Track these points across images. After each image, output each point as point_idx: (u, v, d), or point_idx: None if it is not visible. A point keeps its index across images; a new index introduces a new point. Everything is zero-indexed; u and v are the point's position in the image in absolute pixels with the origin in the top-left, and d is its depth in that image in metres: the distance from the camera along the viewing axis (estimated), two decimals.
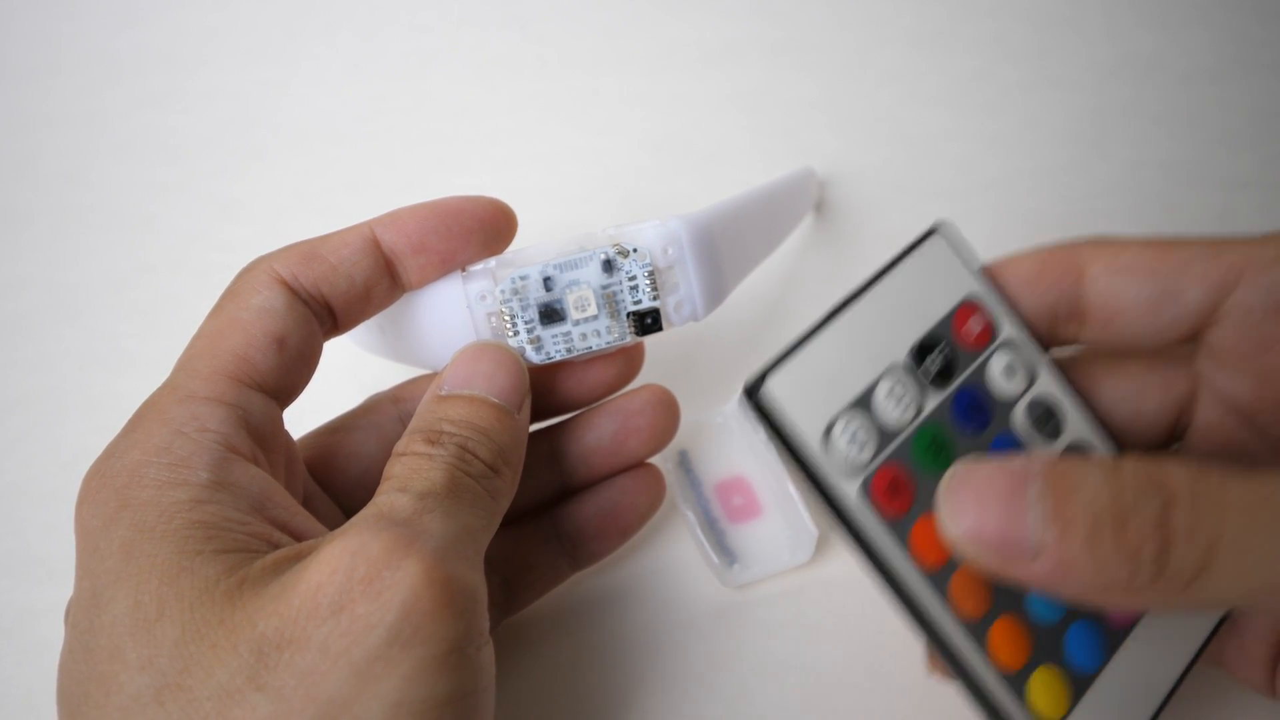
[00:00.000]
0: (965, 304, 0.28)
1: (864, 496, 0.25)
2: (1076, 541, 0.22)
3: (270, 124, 0.52)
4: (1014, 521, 0.23)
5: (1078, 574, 0.22)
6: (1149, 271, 0.28)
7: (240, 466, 0.25)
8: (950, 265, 0.28)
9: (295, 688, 0.22)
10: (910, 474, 0.26)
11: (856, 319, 0.27)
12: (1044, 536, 0.22)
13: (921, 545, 0.25)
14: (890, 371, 0.27)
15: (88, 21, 0.56)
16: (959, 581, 0.25)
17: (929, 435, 0.27)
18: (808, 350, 0.26)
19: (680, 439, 0.38)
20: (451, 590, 0.23)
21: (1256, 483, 0.22)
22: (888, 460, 0.26)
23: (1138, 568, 0.22)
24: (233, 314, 0.27)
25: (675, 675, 0.33)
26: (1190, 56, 0.51)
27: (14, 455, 0.41)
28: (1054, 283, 0.29)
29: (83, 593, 0.24)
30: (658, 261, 0.30)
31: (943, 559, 0.25)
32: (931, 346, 0.27)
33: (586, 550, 0.34)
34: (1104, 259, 0.28)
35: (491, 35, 0.55)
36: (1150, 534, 0.22)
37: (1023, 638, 0.26)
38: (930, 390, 0.27)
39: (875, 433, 0.26)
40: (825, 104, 0.51)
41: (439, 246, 0.29)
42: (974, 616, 0.25)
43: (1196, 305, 0.27)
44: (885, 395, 0.26)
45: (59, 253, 0.47)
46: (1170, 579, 0.22)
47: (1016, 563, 0.23)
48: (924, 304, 0.28)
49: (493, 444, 0.27)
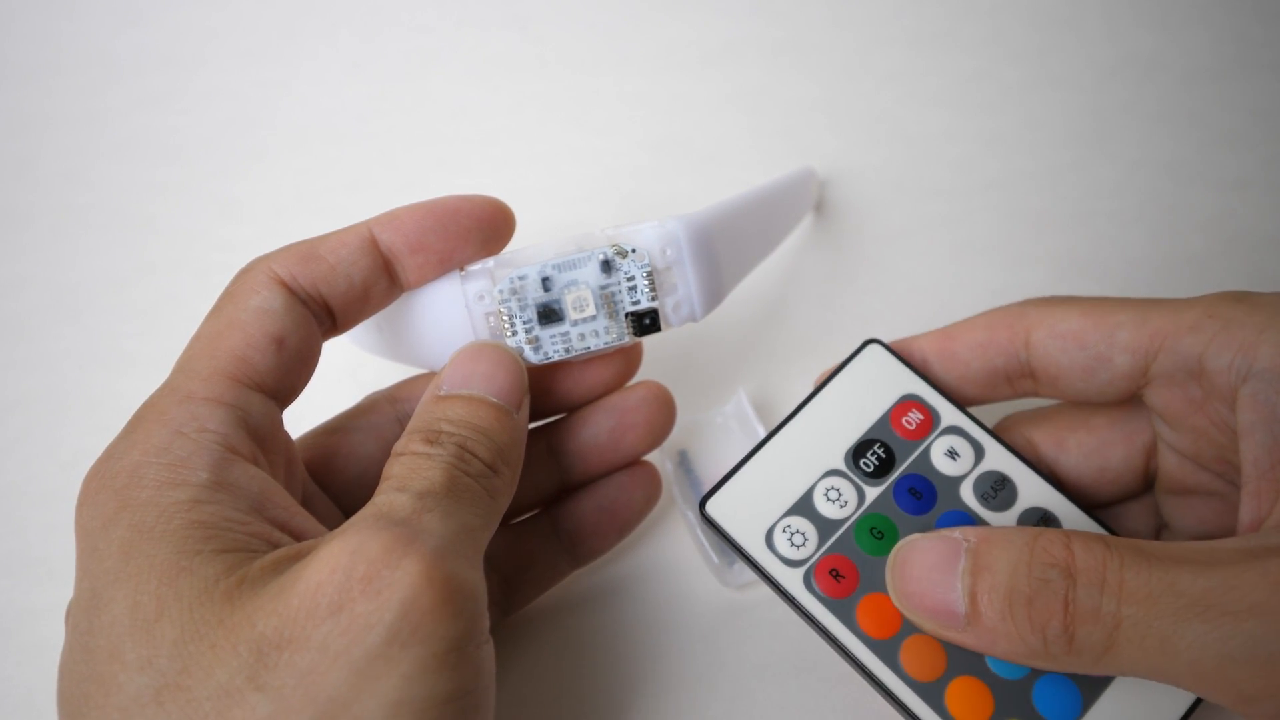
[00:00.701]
0: (903, 401, 0.32)
1: (808, 584, 0.29)
2: (994, 614, 0.25)
3: (270, 124, 0.52)
4: (945, 595, 0.26)
5: (1001, 643, 0.25)
6: (1080, 341, 0.30)
7: (239, 467, 0.25)
8: (886, 369, 0.32)
9: (294, 687, 0.22)
10: (852, 560, 0.29)
11: (794, 434, 0.31)
12: (970, 609, 0.25)
13: (869, 619, 0.28)
14: (827, 475, 0.31)
15: (88, 21, 0.56)
16: (911, 647, 0.28)
17: (869, 524, 0.30)
18: (747, 469, 0.31)
19: (680, 439, 0.38)
20: (450, 589, 0.23)
21: (1155, 572, 0.23)
22: (829, 551, 0.29)
23: (1047, 641, 0.24)
24: (231, 315, 0.27)
25: (675, 675, 0.33)
26: (1190, 56, 0.51)
27: (14, 455, 0.41)
28: (1001, 349, 0.31)
29: (82, 593, 0.24)
30: (656, 262, 0.30)
31: (893, 629, 0.28)
32: (868, 446, 0.31)
33: (585, 548, 0.34)
34: (1045, 325, 0.30)
35: (491, 35, 0.55)
36: (1054, 612, 0.24)
37: (984, 695, 0.27)
38: (870, 483, 0.31)
39: (816, 530, 0.30)
40: (825, 104, 0.51)
41: (437, 246, 0.29)
42: (929, 678, 0.28)
43: (1125, 371, 0.30)
44: (822, 496, 0.30)
45: (59, 253, 0.47)
46: (1080, 653, 0.24)
47: (951, 630, 0.26)
48: (861, 408, 0.32)
49: (492, 443, 0.27)
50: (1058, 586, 0.24)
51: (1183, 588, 0.23)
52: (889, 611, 0.28)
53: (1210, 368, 0.28)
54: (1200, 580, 0.23)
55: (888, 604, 0.28)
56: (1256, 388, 0.27)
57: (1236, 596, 0.22)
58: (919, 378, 0.32)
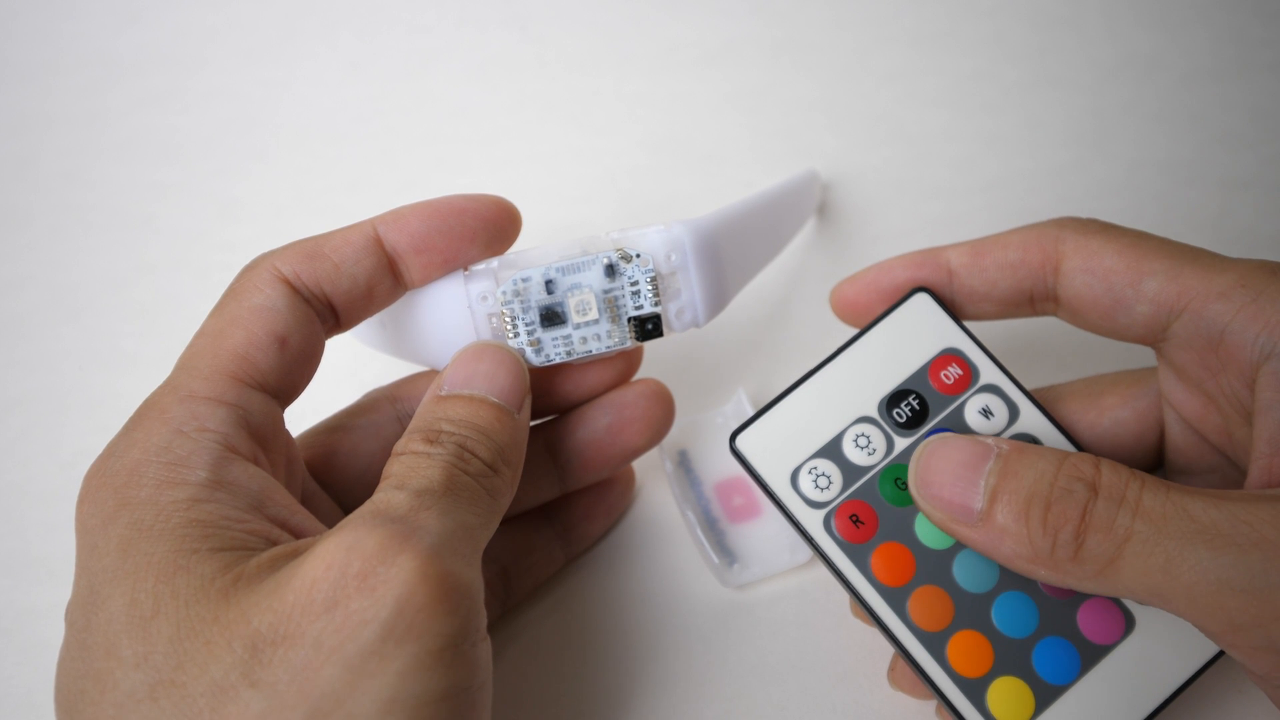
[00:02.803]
0: (944, 354, 0.31)
1: (827, 527, 0.30)
2: (1010, 515, 0.26)
3: (270, 124, 0.52)
4: (965, 490, 0.27)
5: (1010, 544, 0.26)
6: (1109, 282, 0.30)
7: (239, 466, 0.25)
8: (931, 320, 0.32)
9: (289, 683, 0.22)
10: (874, 507, 0.30)
11: (830, 376, 0.31)
12: (987, 508, 0.26)
13: (883, 567, 0.29)
14: (858, 422, 0.31)
15: (88, 21, 0.56)
16: (919, 598, 0.29)
17: (894, 474, 0.30)
18: (781, 406, 0.31)
19: (680, 439, 0.38)
20: (446, 586, 0.23)
21: (1171, 496, 0.25)
22: (852, 497, 0.30)
23: (1056, 545, 0.25)
24: (234, 313, 0.27)
25: (675, 675, 0.33)
26: (1190, 56, 0.51)
27: (14, 455, 0.41)
28: (1031, 271, 0.31)
29: (80, 591, 0.24)
30: (660, 267, 0.30)
31: (905, 578, 0.29)
32: (903, 396, 0.31)
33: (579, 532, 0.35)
34: (1079, 257, 0.30)
35: (491, 35, 0.55)
36: (1070, 518, 0.25)
37: (985, 649, 0.28)
38: (900, 434, 0.31)
39: (841, 474, 0.30)
40: (825, 104, 0.51)
41: (442, 246, 0.29)
42: (935, 629, 0.29)
43: (1145, 320, 0.30)
44: (851, 442, 0.30)
45: (59, 253, 0.47)
46: (1084, 561, 0.25)
47: (962, 526, 0.27)
48: (901, 357, 0.31)
49: (492, 443, 0.27)
50: (1079, 497, 0.25)
51: (1195, 514, 0.24)
52: (903, 561, 0.29)
53: (1232, 340, 0.28)
54: (1212, 510, 0.24)
55: (903, 553, 0.29)
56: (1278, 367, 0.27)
57: (1244, 529, 0.23)
58: (963, 332, 0.32)
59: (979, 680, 0.28)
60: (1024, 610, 0.29)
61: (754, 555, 0.35)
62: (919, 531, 0.29)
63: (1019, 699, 0.28)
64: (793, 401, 0.31)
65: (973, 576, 0.29)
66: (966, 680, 0.28)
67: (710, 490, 0.37)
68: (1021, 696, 0.28)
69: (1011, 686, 0.28)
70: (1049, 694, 0.28)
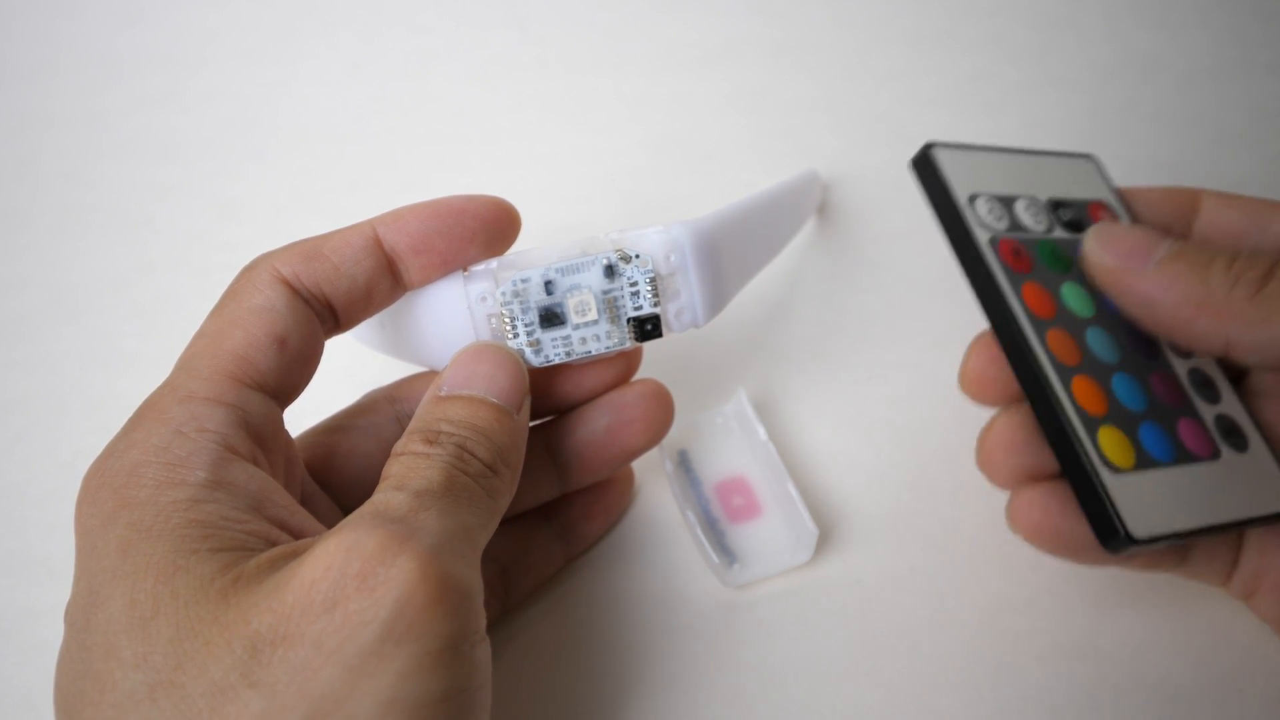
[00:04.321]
0: (1101, 203, 0.35)
1: (994, 247, 0.32)
2: (1188, 264, 0.28)
3: (270, 124, 0.52)
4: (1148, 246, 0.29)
5: (1182, 285, 0.28)
6: (1246, 209, 0.33)
7: (238, 466, 0.25)
8: (1096, 179, 0.36)
9: (288, 684, 0.22)
10: (1031, 255, 0.32)
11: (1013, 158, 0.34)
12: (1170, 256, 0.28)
13: (1032, 298, 0.31)
14: (1031, 198, 0.34)
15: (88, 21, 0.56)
16: (1057, 335, 0.31)
17: (1051, 246, 0.33)
18: (973, 150, 0.33)
19: (680, 439, 0.38)
20: (446, 587, 0.23)
21: None
22: (1017, 238, 0.32)
23: (1238, 283, 0.27)
24: (234, 313, 0.27)
25: (675, 675, 0.33)
26: (1190, 56, 0.51)
27: (14, 455, 0.41)
28: (1175, 206, 0.34)
29: (80, 591, 0.24)
30: (660, 268, 0.30)
31: (1050, 313, 0.31)
32: (1067, 205, 0.34)
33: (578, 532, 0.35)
34: (1219, 199, 0.34)
35: (491, 35, 0.55)
36: (1258, 266, 0.27)
37: (1103, 399, 0.30)
38: (1058, 228, 0.34)
39: (1009, 220, 0.33)
40: (825, 104, 0.51)
41: (441, 246, 0.29)
42: (1066, 362, 0.30)
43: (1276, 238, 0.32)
44: (1022, 206, 0.33)
45: (59, 253, 0.47)
46: (1264, 300, 0.27)
47: (1134, 273, 0.29)
48: (1072, 182, 0.35)
49: (491, 444, 0.27)
50: (1266, 258, 0.27)
51: None
52: (1047, 303, 0.31)
53: None
54: None
55: (1048, 298, 0.32)
56: None
57: None
58: (1118, 200, 0.35)
59: (1096, 419, 0.30)
60: (1138, 391, 0.31)
61: (754, 555, 0.35)
62: (1065, 294, 0.32)
63: (1124, 450, 0.30)
64: (983, 154, 0.33)
65: (1102, 347, 0.31)
66: (1086, 415, 0.30)
67: (710, 490, 0.37)
68: (1126, 449, 0.30)
69: (1119, 438, 0.30)
70: (1147, 461, 0.30)
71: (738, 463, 0.38)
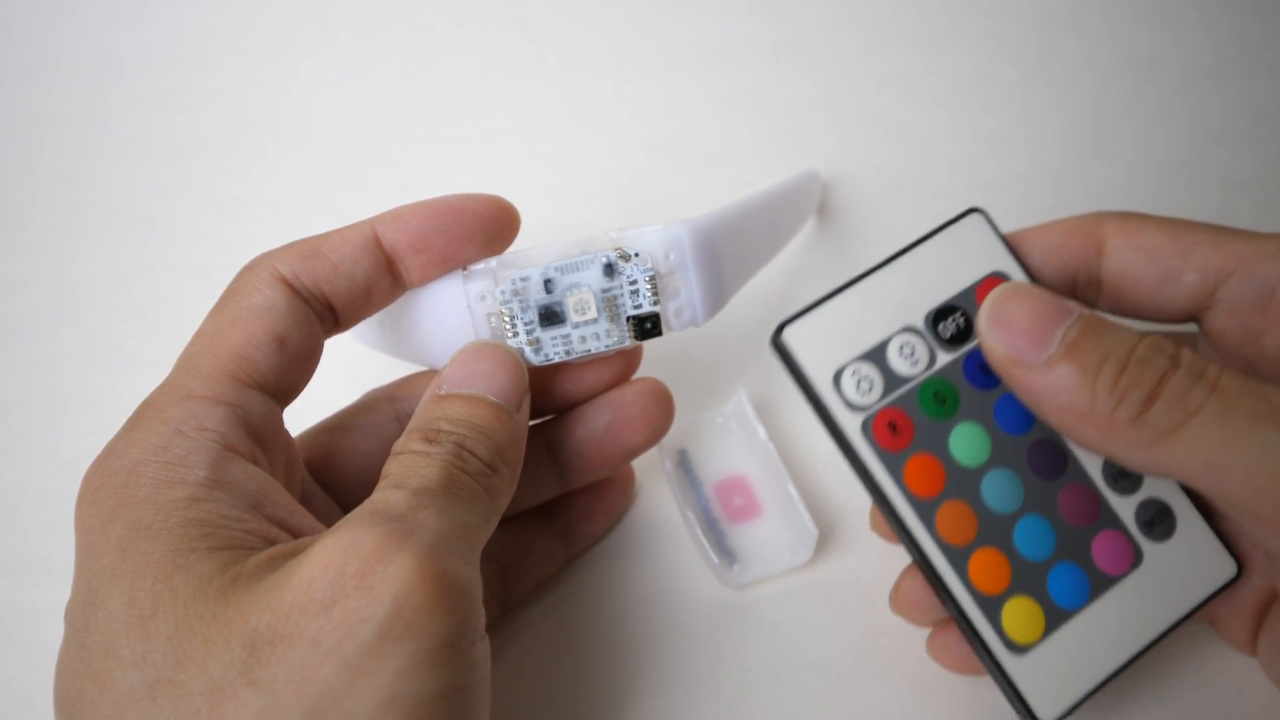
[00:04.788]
0: (992, 276, 0.31)
1: (865, 431, 0.29)
2: (1079, 367, 0.26)
3: (270, 124, 0.52)
4: (1039, 333, 0.26)
5: (1069, 395, 0.26)
6: (1155, 255, 0.30)
7: (238, 465, 0.25)
8: (983, 242, 0.32)
9: (286, 682, 0.22)
10: (911, 418, 0.30)
11: (881, 282, 0.30)
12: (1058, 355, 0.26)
13: (915, 477, 0.29)
14: (905, 331, 0.30)
15: (88, 21, 0.56)
16: (947, 512, 0.29)
17: (934, 388, 0.30)
18: (829, 305, 0.30)
19: (680, 438, 0.38)
20: (444, 585, 0.23)
21: (1252, 381, 0.25)
22: (891, 404, 0.30)
23: (1121, 404, 0.25)
24: (233, 313, 0.27)
25: (675, 675, 0.33)
26: (1190, 56, 0.51)
27: (14, 455, 0.41)
28: (1075, 254, 0.31)
29: (79, 590, 0.24)
30: (659, 266, 0.30)
31: (935, 491, 0.29)
32: (950, 312, 0.31)
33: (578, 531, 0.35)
34: (1123, 235, 0.30)
35: (491, 35, 0.55)
36: (1144, 382, 0.25)
37: (1004, 568, 0.29)
38: (943, 349, 0.30)
39: (883, 381, 0.30)
40: (825, 104, 0.51)
41: (440, 245, 0.29)
42: (958, 544, 0.29)
43: (1192, 289, 0.29)
44: (896, 350, 0.30)
45: (59, 253, 0.47)
46: (1144, 426, 0.25)
47: (1021, 368, 0.27)
48: (950, 274, 0.31)
49: (491, 443, 0.27)
50: (1159, 365, 0.25)
51: (1274, 398, 0.24)
52: (934, 474, 0.29)
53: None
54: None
55: (935, 466, 0.29)
56: None
57: None
58: (1013, 258, 0.31)
59: (996, 598, 0.29)
60: (1043, 534, 0.29)
61: (754, 555, 0.35)
62: (953, 446, 0.30)
63: (1031, 619, 0.29)
64: (842, 301, 0.30)
65: (1000, 497, 0.29)
66: (984, 596, 0.29)
67: (710, 490, 0.37)
68: (1034, 616, 0.29)
69: (1025, 606, 0.29)
70: (1059, 616, 0.29)
71: (738, 463, 0.38)
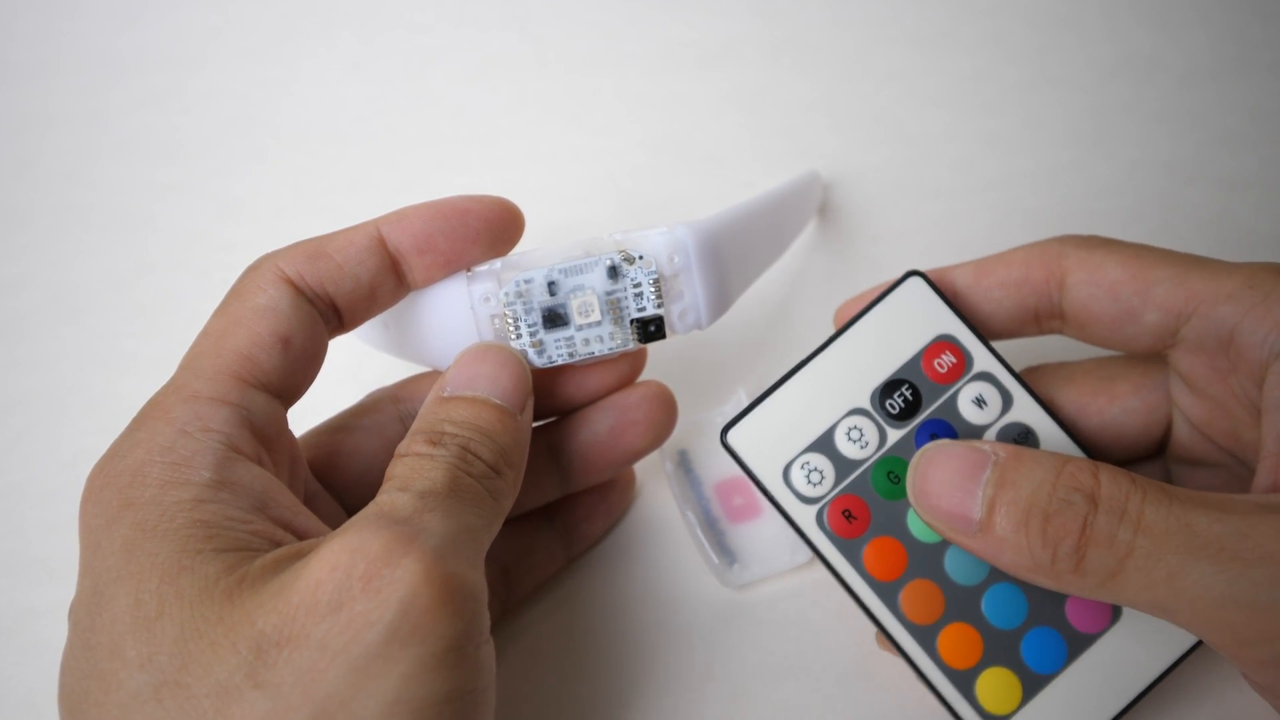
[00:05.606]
0: (937, 341, 0.31)
1: (820, 523, 0.30)
2: (1009, 525, 0.26)
3: (271, 124, 0.52)
4: (963, 500, 0.26)
5: (1011, 554, 0.26)
6: (1115, 293, 0.30)
7: (243, 466, 0.25)
8: (925, 305, 0.31)
9: (293, 685, 0.22)
10: (866, 502, 0.30)
11: (822, 366, 0.31)
12: (985, 517, 0.26)
13: (875, 561, 0.29)
14: (850, 414, 0.30)
15: (88, 21, 0.56)
16: (911, 592, 0.29)
17: (887, 467, 0.30)
18: (771, 400, 0.30)
19: (680, 439, 0.38)
20: (451, 588, 0.23)
21: (1174, 509, 0.24)
22: (844, 491, 0.30)
23: (1057, 558, 0.25)
24: (238, 313, 0.27)
25: (675, 675, 0.33)
26: (1190, 56, 0.51)
27: (14, 455, 0.41)
28: (1035, 288, 0.31)
29: (84, 591, 0.24)
30: (663, 269, 0.30)
31: (897, 573, 0.29)
32: (896, 386, 0.30)
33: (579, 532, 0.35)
34: (1084, 270, 0.30)
35: (491, 35, 0.55)
36: (1069, 531, 0.25)
37: (974, 641, 0.29)
38: (893, 425, 0.30)
39: (834, 468, 0.30)
40: (825, 104, 0.51)
41: (445, 247, 0.29)
42: (926, 622, 0.29)
43: (1154, 328, 0.30)
44: (844, 435, 0.30)
45: (59, 253, 0.47)
46: (1086, 574, 0.25)
47: (961, 535, 0.27)
48: (894, 345, 0.31)
49: (495, 445, 0.27)
50: (1079, 509, 0.25)
51: (1199, 529, 0.24)
52: (895, 556, 0.29)
53: (1242, 341, 0.28)
54: (1216, 525, 0.24)
55: (895, 548, 0.29)
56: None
57: (1249, 544, 0.23)
58: (957, 318, 0.31)
59: (968, 672, 0.28)
60: (1013, 601, 0.29)
61: (754, 555, 0.35)
62: (911, 525, 0.30)
63: (1007, 689, 0.28)
64: (784, 394, 0.31)
65: (964, 570, 0.29)
66: (956, 672, 0.28)
67: (710, 490, 0.37)
68: (1009, 686, 0.28)
69: (1000, 677, 0.28)
70: (1036, 683, 0.28)
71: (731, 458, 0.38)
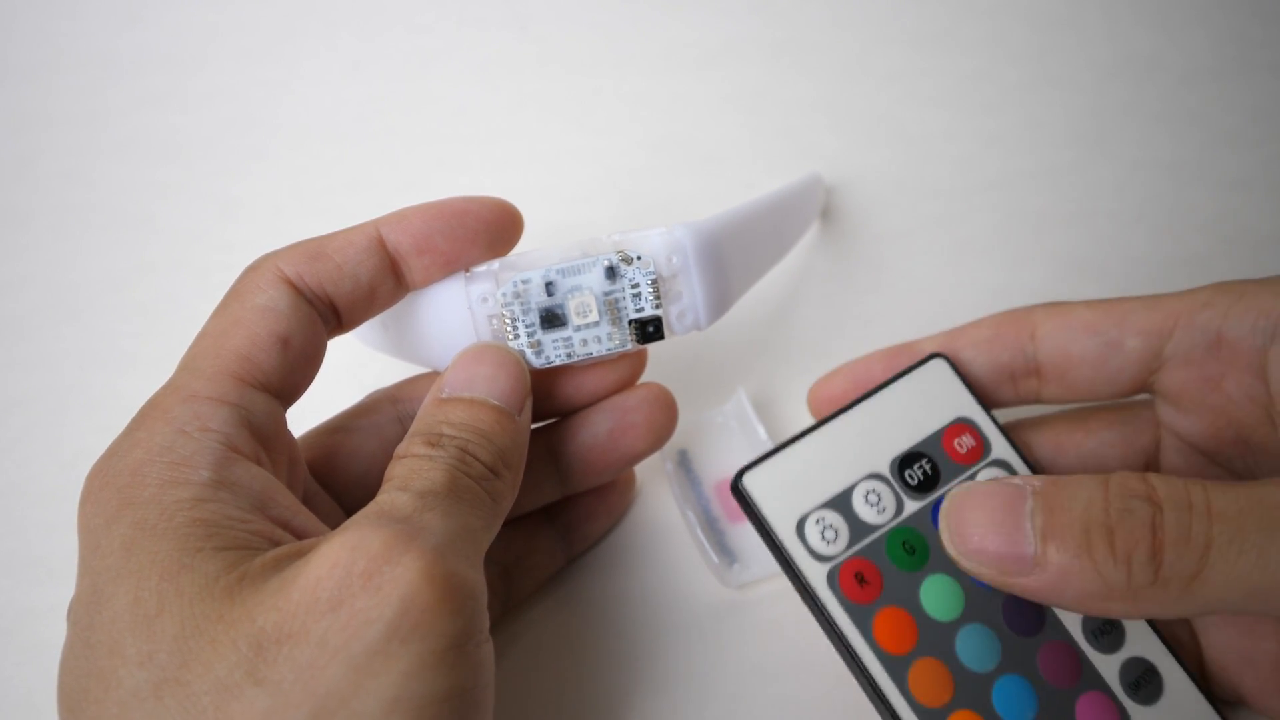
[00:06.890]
0: (957, 422, 0.31)
1: (831, 583, 0.28)
2: (1071, 551, 0.23)
3: (271, 124, 0.52)
4: (1012, 537, 0.24)
5: (1077, 583, 0.23)
6: (1091, 329, 0.30)
7: (242, 466, 0.25)
8: (948, 387, 0.31)
9: (293, 682, 0.22)
10: (879, 568, 0.29)
11: (844, 427, 0.30)
12: (1041, 550, 0.24)
13: (885, 632, 0.28)
14: (869, 478, 0.30)
15: (88, 21, 0.56)
16: (920, 669, 0.27)
17: (902, 537, 0.29)
18: (792, 450, 0.30)
19: (680, 439, 0.38)
20: (450, 587, 0.23)
21: (1240, 490, 0.23)
22: (858, 554, 0.29)
23: (1133, 572, 0.23)
24: (237, 313, 0.27)
25: (675, 675, 0.33)
26: (1190, 56, 0.51)
27: (14, 455, 0.41)
28: (1007, 344, 0.31)
29: (83, 590, 0.24)
30: (662, 269, 0.30)
31: (907, 647, 0.28)
32: (916, 458, 0.30)
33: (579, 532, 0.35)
34: (1054, 319, 0.30)
35: (491, 35, 0.55)
36: (1140, 539, 0.23)
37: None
38: (911, 496, 0.30)
39: (849, 529, 0.29)
40: (825, 104, 0.51)
41: (444, 247, 0.29)
42: (934, 705, 0.27)
43: (1138, 353, 0.29)
44: (861, 498, 0.29)
45: (59, 253, 0.47)
46: (1167, 582, 0.23)
47: (1017, 577, 0.24)
48: (915, 419, 0.31)
49: (493, 446, 0.27)
50: (1143, 513, 0.23)
51: (1273, 501, 0.22)
52: (906, 629, 0.28)
53: (1231, 336, 0.28)
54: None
55: (906, 620, 0.28)
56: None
57: None
58: (978, 404, 0.31)
59: None
60: (1024, 696, 0.28)
61: (754, 555, 0.35)
62: (924, 599, 0.28)
63: None
64: (805, 447, 0.30)
65: (977, 654, 0.28)
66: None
67: (710, 490, 0.37)
68: None
69: None
70: None
71: (738, 462, 0.38)
